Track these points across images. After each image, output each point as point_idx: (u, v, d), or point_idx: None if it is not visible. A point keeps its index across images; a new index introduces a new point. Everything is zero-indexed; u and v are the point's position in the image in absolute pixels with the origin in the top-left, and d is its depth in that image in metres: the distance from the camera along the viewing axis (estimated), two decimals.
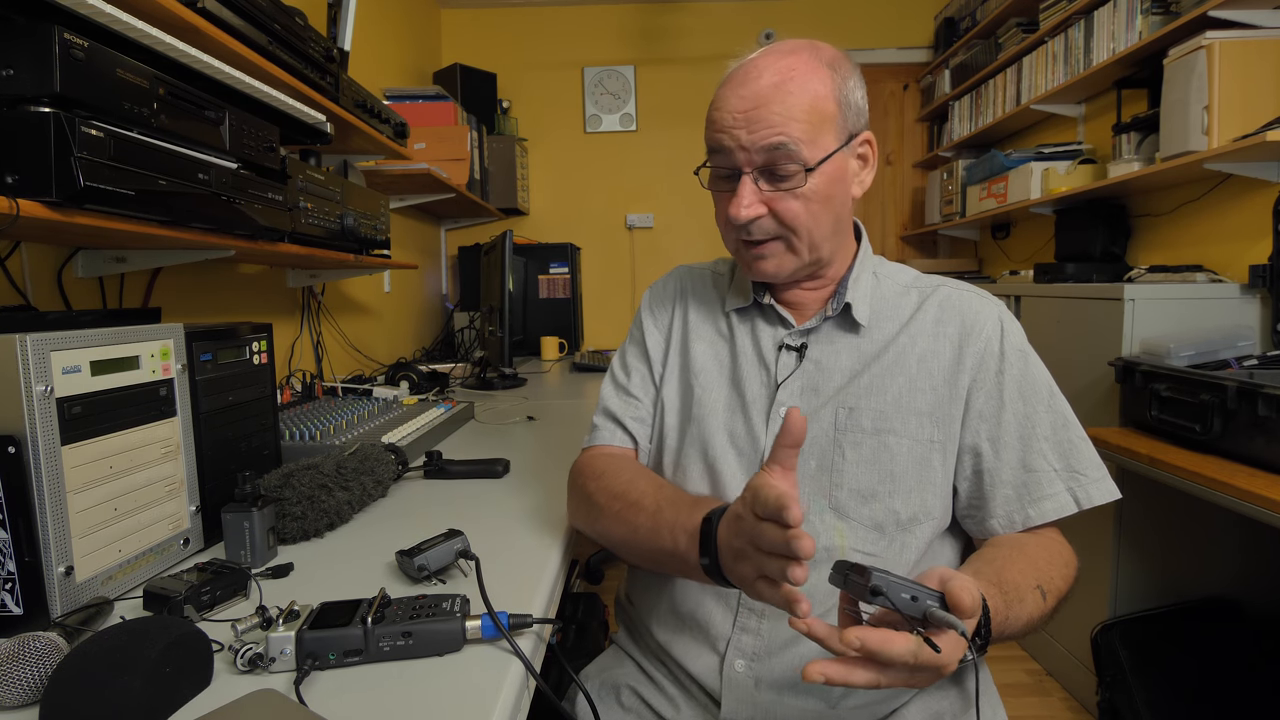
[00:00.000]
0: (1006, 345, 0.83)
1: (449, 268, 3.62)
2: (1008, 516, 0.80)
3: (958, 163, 3.24)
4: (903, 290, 0.89)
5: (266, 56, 1.21)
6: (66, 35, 0.74)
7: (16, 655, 0.54)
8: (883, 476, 0.79)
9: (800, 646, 0.78)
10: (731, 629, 0.80)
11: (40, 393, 0.64)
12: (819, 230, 0.81)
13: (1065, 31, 2.49)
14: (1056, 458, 0.80)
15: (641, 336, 0.98)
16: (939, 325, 0.84)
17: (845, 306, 0.85)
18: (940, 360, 0.82)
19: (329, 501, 0.91)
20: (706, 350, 0.92)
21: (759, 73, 0.78)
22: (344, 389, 1.77)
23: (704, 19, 3.71)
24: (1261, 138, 1.64)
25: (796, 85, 0.77)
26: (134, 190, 0.83)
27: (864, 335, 0.85)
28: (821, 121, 0.78)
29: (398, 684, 0.59)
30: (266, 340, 1.01)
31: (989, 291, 0.89)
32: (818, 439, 0.82)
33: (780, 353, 0.87)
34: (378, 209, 1.78)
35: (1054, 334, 2.08)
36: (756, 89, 0.77)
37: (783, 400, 0.84)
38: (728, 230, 0.84)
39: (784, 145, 0.76)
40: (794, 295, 0.89)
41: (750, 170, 0.78)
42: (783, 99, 0.76)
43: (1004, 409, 0.81)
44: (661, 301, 1.00)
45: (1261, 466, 1.33)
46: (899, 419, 0.80)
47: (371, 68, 2.64)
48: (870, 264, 0.90)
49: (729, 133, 0.78)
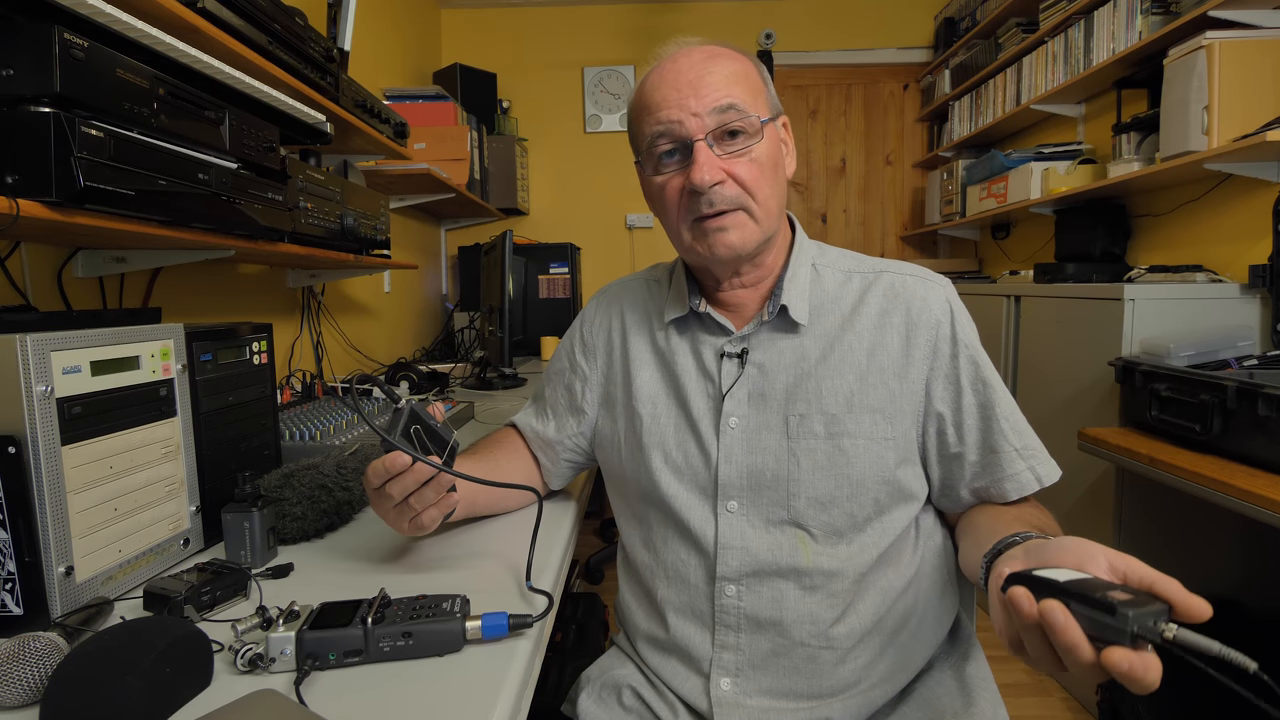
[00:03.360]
0: (957, 330, 0.82)
1: (449, 268, 3.62)
2: (975, 496, 0.82)
3: (958, 163, 3.24)
4: (844, 278, 0.87)
5: (266, 56, 1.21)
6: (66, 35, 0.74)
7: (16, 655, 0.54)
8: (840, 482, 0.79)
9: (783, 658, 0.79)
10: (711, 647, 0.81)
11: (40, 393, 0.64)
12: (774, 198, 0.81)
13: (1065, 31, 2.49)
14: (1016, 437, 0.80)
15: (570, 379, 0.97)
16: (884, 316, 0.83)
17: (782, 309, 0.83)
18: (889, 353, 0.81)
19: (329, 501, 0.91)
20: (649, 374, 0.90)
21: (686, 55, 0.80)
22: (344, 389, 1.77)
23: (704, 19, 3.71)
24: (1261, 138, 1.64)
25: (724, 59, 0.80)
26: (134, 190, 0.82)
27: (805, 334, 0.84)
28: (756, 90, 0.81)
29: (398, 684, 0.59)
30: (266, 340, 1.01)
31: (989, 291, 0.89)
32: (771, 448, 0.81)
33: (723, 361, 0.85)
34: (378, 209, 1.78)
35: (1054, 334, 2.08)
36: (690, 63, 0.79)
37: (730, 410, 0.83)
38: (681, 213, 0.81)
39: (734, 105, 0.77)
40: (732, 296, 0.87)
41: (704, 136, 0.77)
42: (720, 68, 0.79)
43: (963, 394, 0.81)
44: (594, 337, 0.97)
45: (1261, 466, 1.33)
46: (852, 420, 0.79)
47: (371, 68, 2.64)
48: (808, 255, 0.88)
49: (676, 105, 0.78)
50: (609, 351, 0.95)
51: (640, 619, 0.89)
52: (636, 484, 0.88)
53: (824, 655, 0.78)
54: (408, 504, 0.73)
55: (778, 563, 0.79)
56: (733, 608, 0.80)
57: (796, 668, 0.79)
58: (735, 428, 0.82)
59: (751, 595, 0.80)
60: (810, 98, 3.86)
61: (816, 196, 3.89)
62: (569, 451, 0.97)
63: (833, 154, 3.88)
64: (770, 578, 0.79)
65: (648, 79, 0.82)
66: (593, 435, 0.96)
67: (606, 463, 0.95)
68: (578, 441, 0.97)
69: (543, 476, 1.00)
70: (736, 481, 0.81)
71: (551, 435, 0.97)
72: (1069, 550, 0.54)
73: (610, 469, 0.94)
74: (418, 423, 0.74)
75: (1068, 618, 0.47)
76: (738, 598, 0.80)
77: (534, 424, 0.99)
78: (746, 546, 0.80)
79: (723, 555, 0.80)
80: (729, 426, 0.82)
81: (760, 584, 0.79)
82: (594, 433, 0.96)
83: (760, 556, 0.79)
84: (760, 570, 0.79)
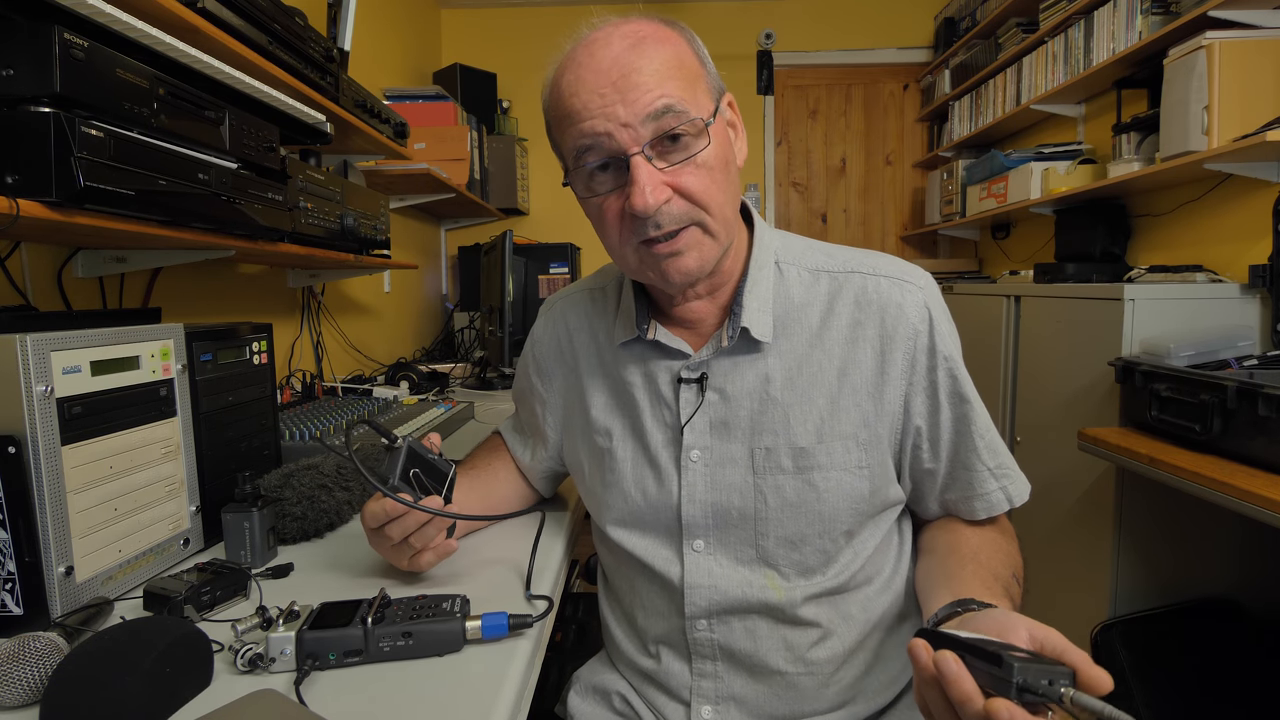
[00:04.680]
0: (936, 340, 0.74)
1: (449, 268, 3.62)
2: (945, 506, 0.80)
3: (958, 163, 3.24)
4: (812, 279, 0.77)
5: (266, 56, 1.21)
6: (66, 35, 0.74)
7: (17, 655, 0.54)
8: (811, 519, 0.73)
9: (762, 686, 0.77)
10: (690, 676, 0.79)
11: (40, 393, 0.64)
12: (729, 203, 0.71)
13: (1065, 31, 2.49)
14: (990, 456, 0.77)
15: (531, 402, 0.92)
16: (857, 328, 0.75)
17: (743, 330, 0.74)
18: (863, 372, 0.74)
19: (329, 501, 0.91)
20: (602, 402, 0.83)
21: (606, 42, 0.67)
22: (344, 389, 1.77)
23: (704, 19, 3.71)
24: (1261, 138, 1.64)
25: (652, 45, 0.67)
26: (134, 190, 0.82)
27: (770, 352, 0.75)
28: (694, 79, 0.68)
29: (398, 684, 0.59)
30: (266, 340, 1.01)
31: (989, 291, 0.89)
32: (737, 485, 0.75)
33: (680, 387, 0.77)
34: (378, 209, 1.78)
35: (1054, 334, 2.08)
36: (612, 56, 0.66)
37: (690, 443, 0.76)
38: (625, 235, 0.70)
39: (671, 107, 0.65)
40: (688, 310, 0.78)
41: (639, 149, 0.65)
42: (648, 60, 0.66)
43: (940, 409, 0.75)
44: (546, 360, 0.90)
45: (1261, 466, 1.33)
46: (823, 451, 0.73)
47: (371, 68, 2.64)
48: (769, 252, 0.78)
49: (601, 115, 0.65)
50: (565, 374, 0.88)
51: (621, 639, 0.86)
52: (601, 516, 0.84)
53: (804, 681, 0.76)
54: (407, 543, 0.73)
55: (748, 599, 0.75)
56: (706, 640, 0.77)
57: (777, 694, 0.77)
58: (697, 461, 0.76)
59: (724, 628, 0.77)
60: (810, 98, 3.86)
61: (816, 196, 3.89)
62: (544, 471, 0.96)
63: (833, 154, 3.88)
64: (742, 614, 0.76)
65: (563, 78, 0.69)
66: (559, 456, 0.93)
67: (578, 484, 0.90)
68: (550, 465, 0.95)
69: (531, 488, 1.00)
70: (701, 520, 0.76)
71: (527, 461, 0.96)
72: (995, 620, 0.55)
73: (581, 489, 0.90)
74: (415, 463, 0.74)
75: (961, 668, 0.49)
76: (710, 630, 0.77)
77: (514, 443, 0.98)
78: (715, 585, 0.76)
79: (690, 595, 0.77)
80: (690, 460, 0.76)
81: (732, 618, 0.76)
82: (560, 455, 0.93)
83: (730, 594, 0.76)
84: (731, 608, 0.76)
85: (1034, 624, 0.53)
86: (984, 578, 0.68)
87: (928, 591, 0.73)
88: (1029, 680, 0.46)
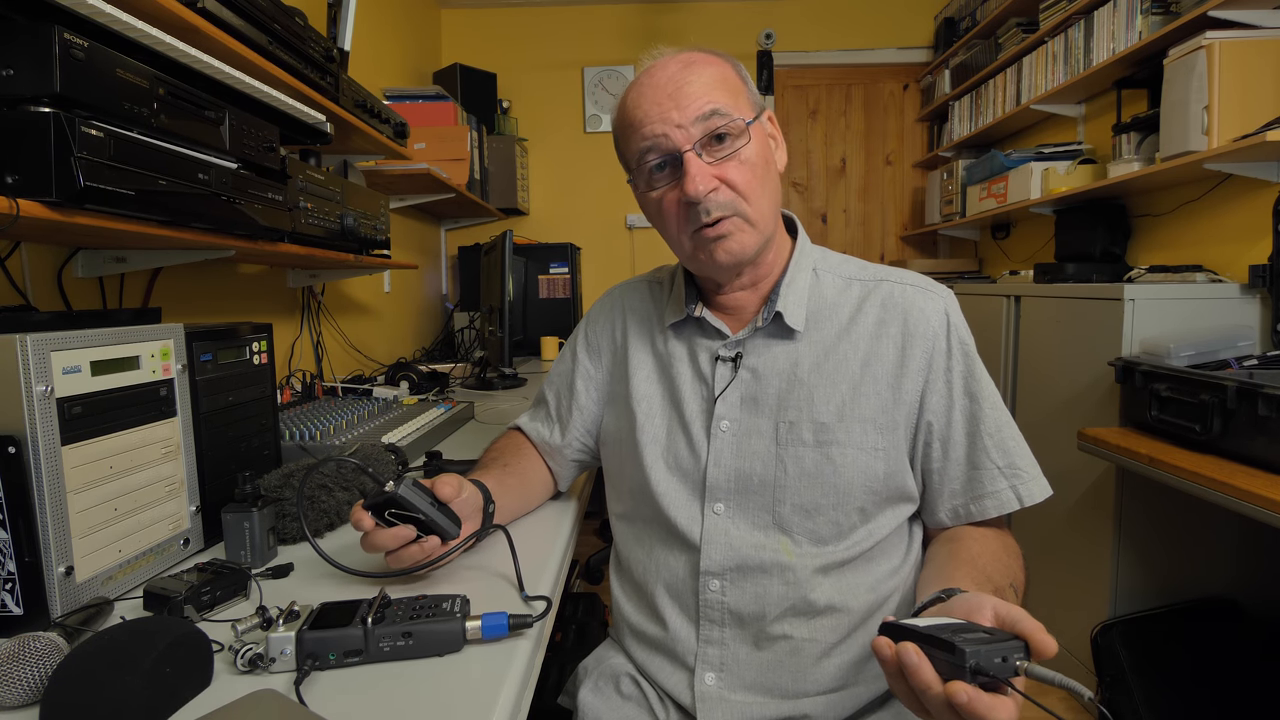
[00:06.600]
0: (953, 342, 0.82)
1: (449, 268, 3.62)
2: (953, 511, 0.83)
3: (958, 163, 3.24)
4: (844, 285, 0.87)
5: (266, 56, 1.21)
6: (66, 35, 0.74)
7: (16, 655, 0.54)
8: (825, 490, 0.79)
9: (766, 652, 0.80)
10: (697, 642, 0.82)
11: (40, 393, 0.64)
12: (767, 199, 0.82)
13: (1065, 31, 2.49)
14: (999, 455, 0.81)
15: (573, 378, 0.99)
16: (881, 326, 0.83)
17: (777, 314, 0.84)
18: (884, 364, 0.82)
19: (329, 501, 0.91)
20: (646, 376, 0.92)
21: (663, 67, 0.81)
22: (344, 389, 1.77)
23: (704, 19, 3.71)
24: (1261, 138, 1.64)
25: (700, 66, 0.81)
26: (134, 190, 0.82)
27: (801, 340, 0.84)
28: (736, 92, 0.81)
29: (398, 684, 0.59)
30: (266, 340, 1.01)
31: (989, 291, 0.89)
32: (760, 454, 0.81)
33: (717, 364, 0.86)
34: (378, 209, 1.78)
35: (1054, 334, 2.08)
36: (668, 75, 0.80)
37: (721, 413, 0.84)
38: (681, 224, 0.82)
39: (717, 110, 0.78)
40: (731, 299, 0.88)
41: (691, 146, 0.78)
42: (697, 75, 0.79)
43: (953, 407, 0.81)
44: (599, 337, 0.99)
45: (1261, 466, 1.33)
46: (842, 429, 0.80)
47: (371, 68, 2.64)
48: (809, 259, 0.89)
49: (659, 120, 0.78)
50: (613, 351, 0.97)
51: (630, 612, 0.90)
52: (631, 479, 0.90)
53: (807, 648, 0.79)
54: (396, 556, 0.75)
55: (761, 560, 0.80)
56: (716, 603, 0.81)
57: (780, 661, 0.80)
58: (726, 431, 0.83)
59: (735, 590, 0.81)
60: (810, 98, 3.86)
61: (816, 196, 3.89)
62: (576, 453, 0.99)
63: (833, 154, 3.88)
64: (754, 573, 0.80)
65: (627, 97, 0.83)
66: (598, 432, 0.98)
67: (607, 460, 0.97)
68: (584, 441, 0.98)
69: (554, 480, 1.02)
70: (724, 484, 0.82)
71: (557, 441, 0.99)
72: (965, 602, 0.59)
73: (609, 465, 0.96)
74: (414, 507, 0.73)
75: (920, 658, 0.52)
76: (721, 592, 0.81)
77: (540, 430, 1.01)
78: (730, 544, 0.81)
79: (706, 550, 0.82)
80: (720, 429, 0.83)
81: (744, 579, 0.81)
82: (599, 429, 0.98)
83: (744, 553, 0.80)
84: (744, 565, 0.80)
85: (999, 602, 0.57)
86: (976, 578, 0.70)
87: (921, 593, 0.75)
88: (981, 663, 0.50)
